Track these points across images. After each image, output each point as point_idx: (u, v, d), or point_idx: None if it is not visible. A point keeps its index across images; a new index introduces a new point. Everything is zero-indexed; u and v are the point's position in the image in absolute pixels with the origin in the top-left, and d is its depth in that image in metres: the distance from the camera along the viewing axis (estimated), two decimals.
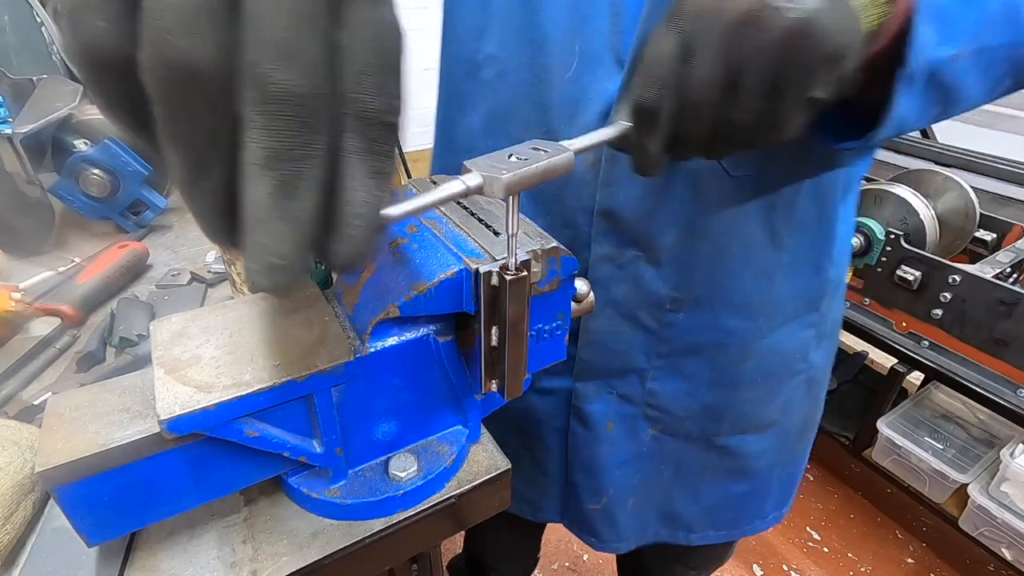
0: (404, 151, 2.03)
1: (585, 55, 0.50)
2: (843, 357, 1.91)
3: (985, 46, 0.39)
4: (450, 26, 0.59)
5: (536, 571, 1.60)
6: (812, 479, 1.88)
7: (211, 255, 0.84)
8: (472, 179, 0.31)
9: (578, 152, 0.34)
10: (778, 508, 0.77)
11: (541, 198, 0.56)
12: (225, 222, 0.24)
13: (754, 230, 0.55)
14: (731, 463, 0.69)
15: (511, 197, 0.34)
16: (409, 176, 2.19)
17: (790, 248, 0.57)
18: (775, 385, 0.65)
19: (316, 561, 0.42)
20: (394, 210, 0.28)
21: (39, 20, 1.20)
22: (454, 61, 0.60)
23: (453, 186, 0.31)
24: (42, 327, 0.67)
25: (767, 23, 0.31)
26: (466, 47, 0.57)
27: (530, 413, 0.69)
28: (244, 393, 0.36)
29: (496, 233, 0.43)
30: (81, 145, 0.86)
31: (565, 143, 0.34)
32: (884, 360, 1.77)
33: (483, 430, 0.53)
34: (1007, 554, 1.31)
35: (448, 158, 0.66)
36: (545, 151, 0.33)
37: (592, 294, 0.49)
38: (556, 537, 1.71)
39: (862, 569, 1.61)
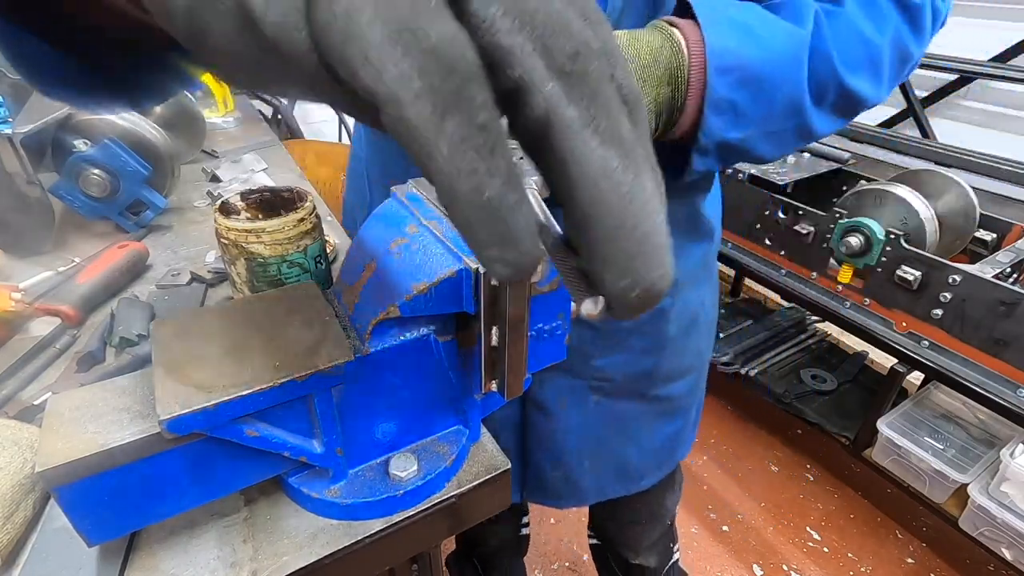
0: None
1: None
2: (843, 357, 1.91)
3: (773, 130, 0.48)
4: None
5: (536, 571, 1.60)
6: (812, 479, 1.88)
7: (211, 255, 0.84)
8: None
9: None
10: (694, 430, 0.92)
11: None
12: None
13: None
14: (664, 407, 0.81)
15: None
16: None
17: (701, 229, 0.70)
18: (689, 337, 0.78)
19: (316, 561, 0.42)
20: None
21: None
22: None
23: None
24: (42, 327, 0.67)
25: None
26: None
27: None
28: (244, 393, 0.36)
29: None
30: (81, 145, 0.86)
31: None
32: (884, 360, 1.76)
33: (483, 430, 0.53)
34: (1007, 554, 1.31)
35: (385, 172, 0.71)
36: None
37: None
38: (556, 537, 1.71)
39: (862, 569, 1.61)
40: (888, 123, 2.23)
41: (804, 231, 1.45)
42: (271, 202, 0.66)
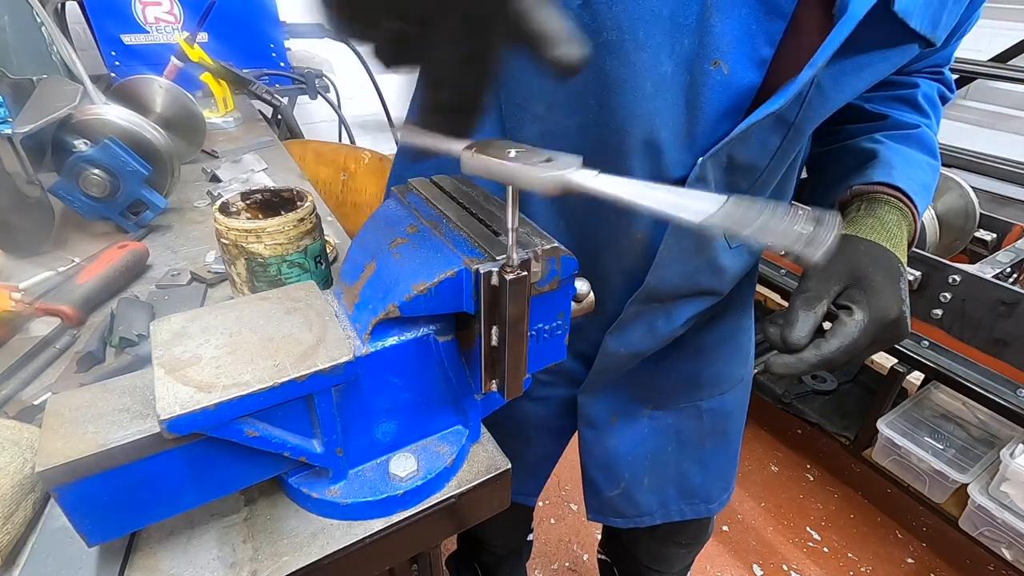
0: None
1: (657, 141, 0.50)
2: None
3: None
4: None
5: (536, 571, 1.60)
6: (812, 479, 1.88)
7: (211, 255, 0.84)
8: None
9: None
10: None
11: (585, 260, 0.52)
12: None
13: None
14: (721, 425, 0.80)
15: (510, 191, 0.34)
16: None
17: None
18: (735, 343, 0.78)
19: (316, 561, 0.42)
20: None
21: (39, 20, 1.20)
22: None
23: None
24: (42, 327, 0.67)
25: (900, 334, 0.54)
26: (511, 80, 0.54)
27: (520, 418, 0.75)
28: (244, 393, 0.36)
29: (496, 233, 0.43)
30: (81, 145, 0.86)
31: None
32: (884, 360, 1.77)
33: (483, 430, 0.53)
34: (1007, 554, 1.31)
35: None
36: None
37: (592, 294, 0.49)
38: (556, 537, 1.71)
39: (862, 569, 1.61)
40: None
41: None
42: (271, 202, 0.66)
